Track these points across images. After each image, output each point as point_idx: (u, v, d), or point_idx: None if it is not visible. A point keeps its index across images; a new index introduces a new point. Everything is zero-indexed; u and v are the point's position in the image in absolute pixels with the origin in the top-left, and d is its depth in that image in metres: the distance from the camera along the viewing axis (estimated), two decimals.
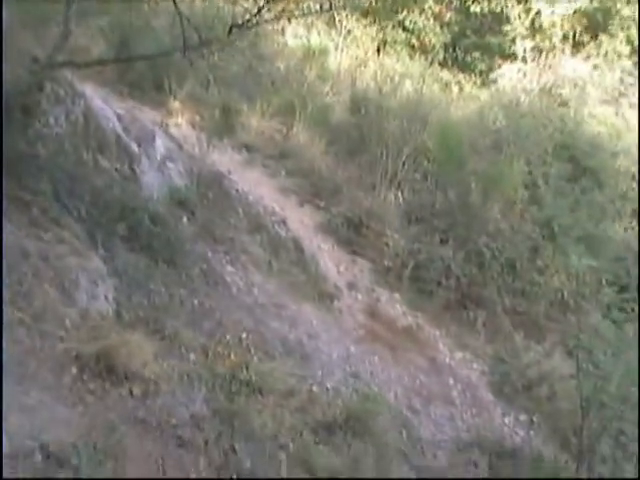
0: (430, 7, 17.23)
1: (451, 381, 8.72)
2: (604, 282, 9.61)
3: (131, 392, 5.65)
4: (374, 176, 11.16)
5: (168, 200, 8.74)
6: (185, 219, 8.68)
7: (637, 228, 11.46)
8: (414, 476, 7.06)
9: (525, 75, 16.29)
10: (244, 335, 7.34)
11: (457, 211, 10.72)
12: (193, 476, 5.28)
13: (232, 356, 6.75)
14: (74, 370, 5.49)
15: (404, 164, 11.22)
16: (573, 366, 8.43)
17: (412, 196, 11.11)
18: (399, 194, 11.02)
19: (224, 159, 10.38)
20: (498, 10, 17.19)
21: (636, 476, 6.91)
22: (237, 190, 9.80)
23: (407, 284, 9.94)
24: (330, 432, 6.66)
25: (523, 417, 8.38)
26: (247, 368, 6.58)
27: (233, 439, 5.83)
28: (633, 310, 7.67)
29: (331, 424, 6.73)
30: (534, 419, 8.31)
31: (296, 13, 10.13)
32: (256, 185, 10.36)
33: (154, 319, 6.76)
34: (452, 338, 9.41)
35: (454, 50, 17.51)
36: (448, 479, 6.97)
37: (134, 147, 8.83)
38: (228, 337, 7.17)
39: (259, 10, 7.99)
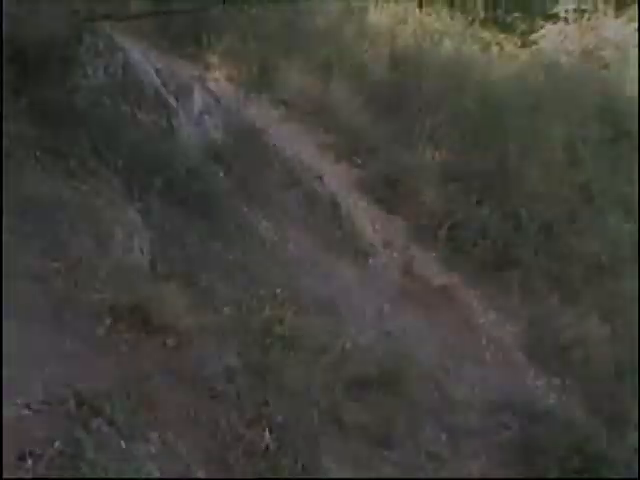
0: None
1: (484, 342, 8.65)
2: None
3: (164, 343, 5.65)
4: (412, 134, 10.97)
5: (204, 154, 8.69)
6: (221, 173, 8.61)
7: None
8: (444, 435, 7.04)
9: (566, 37, 16.00)
10: (278, 290, 7.31)
11: (495, 171, 10.58)
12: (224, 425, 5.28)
13: (266, 310, 6.73)
14: (108, 321, 5.50)
15: (442, 123, 11.08)
16: (608, 330, 8.35)
17: (450, 155, 10.96)
18: (437, 153, 10.88)
19: (261, 114, 10.27)
20: None
21: None
22: (274, 145, 9.71)
23: (443, 244, 9.81)
24: (362, 389, 6.65)
25: (556, 381, 8.30)
26: (281, 323, 6.56)
27: (266, 393, 5.83)
28: None
29: (363, 381, 6.71)
30: (567, 383, 8.22)
31: None
32: (293, 141, 10.24)
33: (188, 272, 6.75)
34: (486, 299, 9.30)
35: (495, 10, 17.23)
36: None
37: (172, 101, 8.80)
38: (262, 292, 7.14)
39: None
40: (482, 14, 16.55)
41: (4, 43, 6.65)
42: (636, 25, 15.85)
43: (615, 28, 15.77)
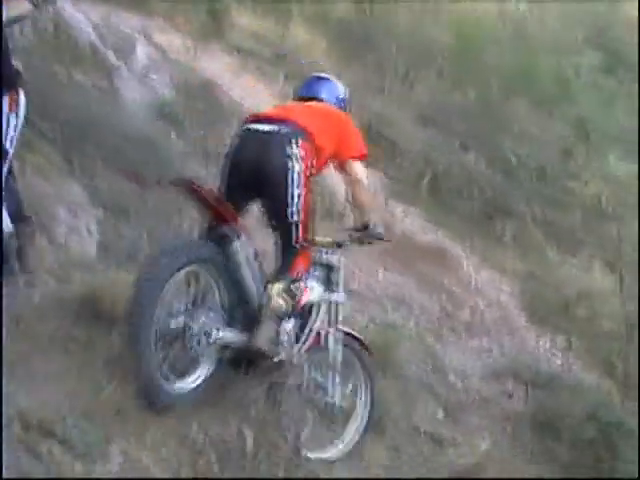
0: None
1: (479, 303, 8.55)
2: None
3: None
4: (383, 77, 10.86)
5: (153, 115, 8.50)
6: (173, 135, 8.43)
7: None
8: (442, 411, 6.97)
9: None
10: None
11: (478, 112, 10.47)
12: None
13: None
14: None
15: (417, 63, 10.95)
16: (615, 281, 8.28)
17: (426, 97, 10.83)
18: (411, 96, 10.75)
19: (214, 65, 10.02)
20: None
21: None
22: (230, 99, 9.50)
23: (425, 196, 9.69)
24: None
25: (560, 341, 8.24)
26: None
27: None
28: None
29: None
30: (572, 342, 8.16)
31: None
32: (251, 93, 9.94)
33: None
34: (478, 255, 9.17)
35: None
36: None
37: (112, 58, 8.59)
38: None
39: None
40: None
41: None
42: None
43: None
